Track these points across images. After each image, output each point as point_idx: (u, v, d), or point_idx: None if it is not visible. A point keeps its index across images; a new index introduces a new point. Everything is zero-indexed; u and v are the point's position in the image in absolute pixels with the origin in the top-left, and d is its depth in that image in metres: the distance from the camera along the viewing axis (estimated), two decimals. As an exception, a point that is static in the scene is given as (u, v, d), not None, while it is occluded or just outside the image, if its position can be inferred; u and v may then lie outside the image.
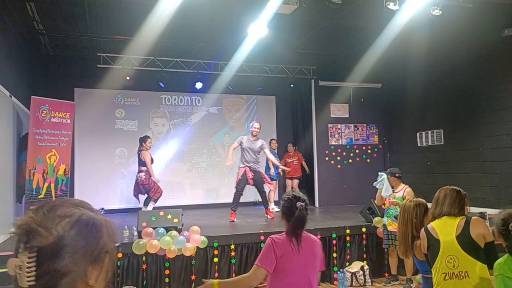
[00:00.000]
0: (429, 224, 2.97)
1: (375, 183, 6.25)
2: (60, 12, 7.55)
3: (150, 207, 7.99)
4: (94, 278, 0.93)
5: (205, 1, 6.41)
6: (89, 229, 0.94)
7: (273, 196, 9.52)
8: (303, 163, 10.40)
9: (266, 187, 8.37)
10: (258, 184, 7.71)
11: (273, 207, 9.37)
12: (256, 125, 7.86)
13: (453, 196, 2.98)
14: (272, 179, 9.51)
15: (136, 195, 8.35)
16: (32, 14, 7.41)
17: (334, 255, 6.51)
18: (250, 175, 7.56)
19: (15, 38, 6.94)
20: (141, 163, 8.07)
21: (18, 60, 7.30)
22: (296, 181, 10.08)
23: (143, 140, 8.20)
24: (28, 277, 0.85)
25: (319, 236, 6.47)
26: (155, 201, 8.14)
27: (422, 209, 3.25)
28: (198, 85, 10.30)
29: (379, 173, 6.31)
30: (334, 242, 6.56)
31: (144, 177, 8.02)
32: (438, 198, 3.04)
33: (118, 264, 5.47)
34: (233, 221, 7.53)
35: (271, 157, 8.30)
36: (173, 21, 7.08)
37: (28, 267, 0.85)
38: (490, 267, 2.63)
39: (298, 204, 2.58)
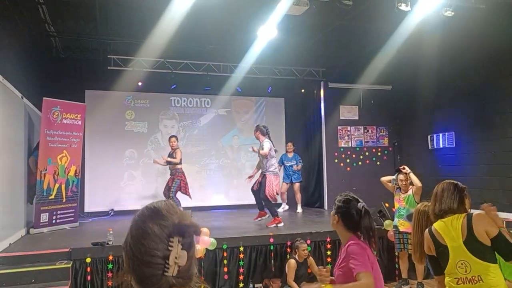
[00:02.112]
0: (432, 226, 2.89)
1: (393, 180, 6.19)
2: (72, 14, 7.62)
3: None
4: None
5: (215, 4, 6.41)
6: None
7: (300, 196, 9.54)
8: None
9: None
10: (260, 187, 7.28)
11: (299, 209, 9.41)
12: (255, 128, 7.60)
13: (451, 190, 2.89)
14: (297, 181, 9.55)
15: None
16: (44, 16, 7.48)
17: (344, 258, 6.45)
18: (259, 179, 7.36)
19: (27, 41, 7.01)
20: None
21: (29, 62, 7.37)
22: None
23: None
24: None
25: (328, 239, 6.44)
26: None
27: None
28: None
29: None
30: (344, 245, 6.49)
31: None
32: (436, 193, 2.95)
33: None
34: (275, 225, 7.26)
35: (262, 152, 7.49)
36: (183, 24, 7.10)
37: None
38: (507, 258, 2.57)
39: (360, 205, 2.43)
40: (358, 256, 2.31)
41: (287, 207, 9.69)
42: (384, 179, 6.38)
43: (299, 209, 9.46)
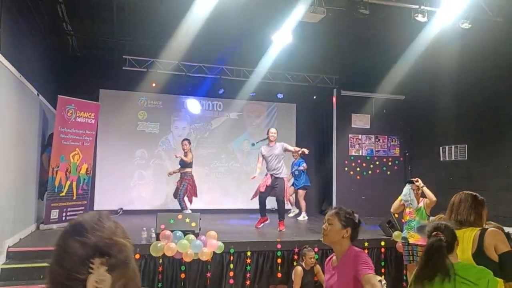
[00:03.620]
0: None
1: (403, 196, 6.05)
2: (89, 14, 7.72)
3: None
4: None
5: (231, 8, 6.45)
6: None
7: (304, 204, 9.40)
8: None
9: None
10: (278, 192, 7.38)
11: (304, 216, 9.31)
12: (273, 130, 7.64)
13: (469, 201, 2.81)
14: (303, 187, 9.42)
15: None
16: (62, 15, 7.58)
17: (351, 267, 6.41)
18: (270, 181, 7.38)
19: (44, 39, 7.11)
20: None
21: (46, 60, 7.47)
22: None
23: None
24: None
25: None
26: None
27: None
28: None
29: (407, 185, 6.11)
30: (351, 254, 6.45)
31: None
32: (453, 203, 2.88)
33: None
34: (258, 228, 7.45)
35: (292, 148, 7.84)
36: (199, 27, 7.15)
37: None
38: (508, 279, 2.52)
39: (357, 216, 2.62)
40: (366, 258, 2.44)
41: (297, 210, 9.59)
42: (395, 208, 6.13)
43: (305, 216, 9.39)
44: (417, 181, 5.97)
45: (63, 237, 0.98)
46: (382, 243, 6.66)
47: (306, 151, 7.52)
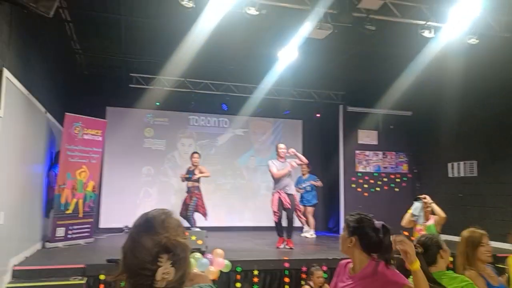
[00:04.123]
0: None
1: (414, 210, 5.97)
2: (97, 33, 7.80)
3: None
4: None
5: (236, 26, 6.50)
6: (186, 248, 1.28)
7: (313, 221, 9.29)
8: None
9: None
10: (291, 209, 7.23)
11: (312, 233, 9.18)
12: (282, 145, 7.54)
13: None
14: (310, 205, 9.33)
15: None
16: (70, 34, 7.68)
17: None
18: (286, 199, 7.20)
19: (53, 57, 7.18)
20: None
21: (54, 77, 7.52)
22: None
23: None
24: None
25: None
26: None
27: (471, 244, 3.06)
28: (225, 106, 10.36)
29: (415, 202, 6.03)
30: (360, 272, 6.32)
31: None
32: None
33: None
34: (278, 247, 7.28)
35: (300, 159, 7.61)
36: (205, 44, 7.20)
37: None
38: None
39: (378, 223, 2.26)
40: (395, 272, 2.18)
41: (310, 230, 9.40)
42: (405, 221, 6.03)
43: (313, 233, 9.25)
44: (425, 198, 5.88)
45: (137, 231, 1.22)
46: (392, 261, 6.50)
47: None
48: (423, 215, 5.84)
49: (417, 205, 5.90)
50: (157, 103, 9.62)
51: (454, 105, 8.97)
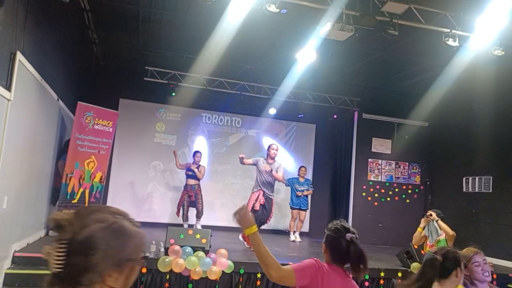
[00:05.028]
0: None
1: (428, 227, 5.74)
2: (115, 24, 7.75)
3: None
4: (113, 280, 1.03)
5: (256, 25, 6.39)
6: (117, 236, 1.06)
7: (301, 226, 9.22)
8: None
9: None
10: (266, 214, 7.22)
11: (297, 237, 9.05)
12: (275, 146, 7.46)
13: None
14: (305, 209, 9.26)
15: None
16: (88, 23, 7.64)
17: (366, 298, 6.11)
18: (262, 200, 7.17)
19: (68, 45, 7.14)
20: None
21: (69, 66, 7.49)
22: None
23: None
24: (55, 264, 1.01)
25: (350, 276, 6.11)
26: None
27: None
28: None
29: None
30: (366, 284, 6.16)
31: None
32: None
33: (142, 279, 5.32)
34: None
35: (278, 175, 7.39)
36: (223, 42, 7.11)
37: (56, 256, 1.01)
38: None
39: (349, 235, 2.22)
40: (304, 261, 2.28)
41: (298, 238, 9.18)
42: (416, 240, 5.81)
43: (298, 238, 9.06)
44: (430, 215, 5.65)
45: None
46: (399, 274, 6.34)
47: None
48: (435, 231, 5.65)
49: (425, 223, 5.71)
50: (173, 94, 9.53)
51: (471, 118, 8.75)
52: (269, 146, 7.51)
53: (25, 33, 4.71)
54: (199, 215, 8.70)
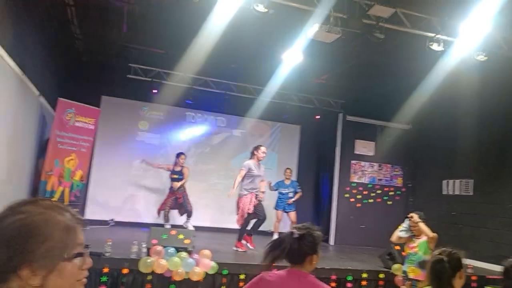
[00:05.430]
0: None
1: (401, 232, 5.78)
2: (99, 19, 7.60)
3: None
4: (36, 279, 0.95)
5: (243, 25, 6.34)
6: (31, 231, 0.97)
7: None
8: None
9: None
10: (261, 213, 7.15)
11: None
12: (264, 149, 7.30)
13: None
14: (292, 210, 9.12)
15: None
16: (71, 18, 7.47)
17: (348, 299, 6.14)
18: (255, 202, 7.11)
19: (50, 39, 6.98)
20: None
21: (50, 61, 7.33)
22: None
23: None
24: None
25: (333, 277, 6.13)
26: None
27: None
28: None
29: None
30: (349, 285, 6.19)
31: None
32: None
33: (123, 280, 5.22)
34: (244, 251, 7.16)
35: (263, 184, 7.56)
36: (209, 41, 7.04)
37: None
38: None
39: (295, 232, 2.24)
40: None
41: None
42: (394, 237, 5.88)
43: None
44: (411, 217, 5.69)
45: None
46: (381, 275, 6.38)
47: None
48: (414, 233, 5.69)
49: (407, 223, 5.75)
50: (154, 91, 9.43)
51: (453, 122, 8.87)
52: (259, 148, 7.28)
53: (3, 24, 4.57)
54: (190, 215, 8.60)
